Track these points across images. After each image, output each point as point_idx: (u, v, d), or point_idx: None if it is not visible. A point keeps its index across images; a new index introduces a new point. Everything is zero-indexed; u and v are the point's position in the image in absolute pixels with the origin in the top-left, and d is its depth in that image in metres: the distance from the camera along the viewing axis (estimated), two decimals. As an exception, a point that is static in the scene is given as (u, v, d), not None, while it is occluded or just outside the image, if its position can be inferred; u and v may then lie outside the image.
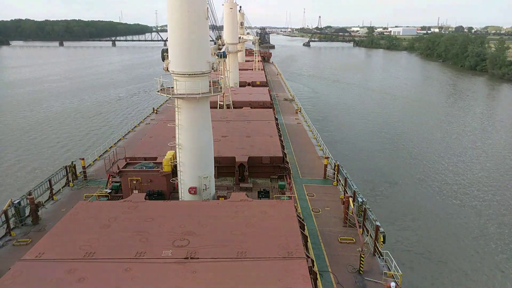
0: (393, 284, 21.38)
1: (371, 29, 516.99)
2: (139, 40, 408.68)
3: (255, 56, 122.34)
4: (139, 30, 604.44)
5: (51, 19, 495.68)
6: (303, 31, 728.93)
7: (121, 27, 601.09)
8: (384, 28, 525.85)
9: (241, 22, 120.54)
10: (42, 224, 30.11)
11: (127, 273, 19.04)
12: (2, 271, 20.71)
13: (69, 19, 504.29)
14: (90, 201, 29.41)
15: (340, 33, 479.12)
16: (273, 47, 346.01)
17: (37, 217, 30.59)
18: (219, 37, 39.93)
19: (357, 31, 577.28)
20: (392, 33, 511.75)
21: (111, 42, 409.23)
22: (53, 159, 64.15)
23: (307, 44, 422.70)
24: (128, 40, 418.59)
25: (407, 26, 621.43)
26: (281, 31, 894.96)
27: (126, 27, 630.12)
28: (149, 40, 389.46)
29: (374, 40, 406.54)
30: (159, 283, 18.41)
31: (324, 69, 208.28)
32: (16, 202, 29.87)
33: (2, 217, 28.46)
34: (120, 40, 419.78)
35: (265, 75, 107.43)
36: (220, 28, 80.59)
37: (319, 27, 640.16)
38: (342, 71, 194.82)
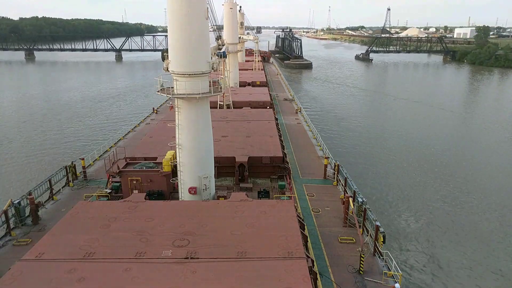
0: (397, 285, 21.40)
1: (482, 30, 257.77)
2: (72, 50, 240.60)
3: (255, 56, 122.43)
4: (134, 30, 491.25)
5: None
6: (332, 32, 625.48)
7: (107, 28, 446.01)
8: (425, 29, 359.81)
9: (241, 22, 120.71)
10: (42, 224, 30.11)
11: (127, 273, 19.04)
12: (2, 271, 20.73)
13: (66, 17, 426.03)
14: (90, 201, 29.40)
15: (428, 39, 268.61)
16: (309, 65, 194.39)
17: (37, 217, 30.58)
18: (219, 37, 39.92)
19: (399, 32, 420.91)
20: (455, 35, 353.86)
21: (24, 53, 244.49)
22: (53, 159, 64.10)
23: (364, 57, 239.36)
24: (55, 50, 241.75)
25: (473, 26, 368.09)
26: (303, 31, 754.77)
27: (116, 27, 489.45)
28: (91, 50, 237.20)
29: (497, 53, 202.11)
30: (159, 283, 18.41)
31: None
32: (16, 202, 29.87)
33: (2, 217, 28.45)
34: (42, 50, 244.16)
35: (265, 75, 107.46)
36: (220, 27, 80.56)
37: (387, 26, 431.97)
38: None
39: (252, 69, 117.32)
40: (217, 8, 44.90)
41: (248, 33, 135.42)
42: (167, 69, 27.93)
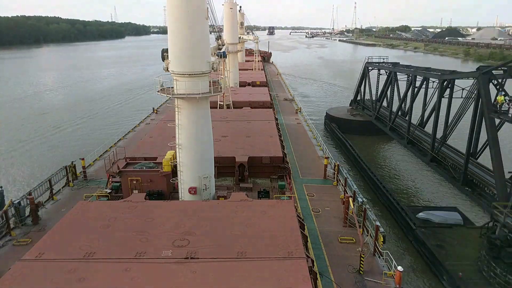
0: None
1: None
2: None
3: (255, 56, 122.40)
4: (108, 32, 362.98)
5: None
6: (371, 34, 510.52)
7: (57, 29, 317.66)
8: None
9: (241, 22, 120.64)
10: (42, 224, 30.10)
11: (127, 273, 19.03)
12: (2, 271, 20.72)
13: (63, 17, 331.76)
14: (90, 201, 29.41)
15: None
16: None
17: (37, 217, 30.58)
18: (219, 37, 39.87)
19: (469, 34, 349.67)
20: None
21: None
22: (53, 159, 64.11)
23: None
24: None
25: None
26: (326, 33, 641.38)
27: (78, 28, 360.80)
28: None
29: None
30: (159, 283, 18.40)
31: None
32: (16, 202, 29.87)
33: (2, 217, 28.47)
34: None
35: (265, 75, 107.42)
36: (221, 28, 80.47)
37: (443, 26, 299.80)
38: None
39: (252, 69, 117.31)
40: (217, 8, 44.75)
41: (248, 33, 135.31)
42: (167, 69, 27.95)
